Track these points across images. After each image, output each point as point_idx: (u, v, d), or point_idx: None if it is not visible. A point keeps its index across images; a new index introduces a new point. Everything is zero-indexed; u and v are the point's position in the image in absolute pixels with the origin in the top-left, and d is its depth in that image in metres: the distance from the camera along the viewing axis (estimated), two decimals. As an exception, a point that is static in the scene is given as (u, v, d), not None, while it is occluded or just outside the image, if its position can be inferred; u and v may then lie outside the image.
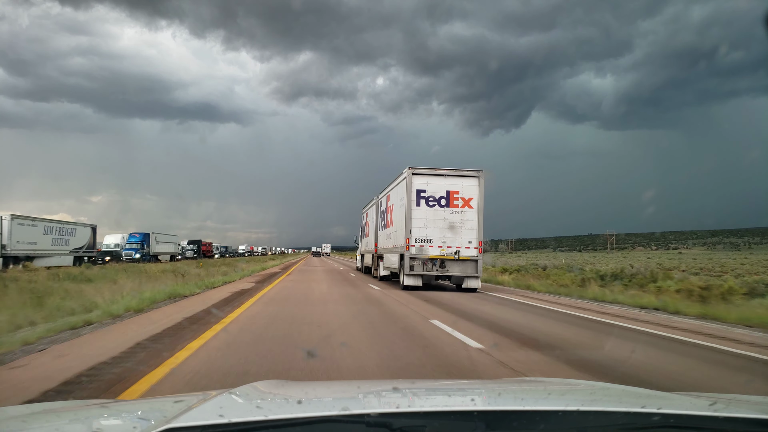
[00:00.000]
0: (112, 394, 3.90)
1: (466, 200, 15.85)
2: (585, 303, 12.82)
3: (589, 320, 9.44)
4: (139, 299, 9.57)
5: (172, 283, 14.68)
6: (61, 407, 1.89)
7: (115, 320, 7.74)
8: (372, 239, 24.18)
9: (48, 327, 6.58)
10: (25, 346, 5.55)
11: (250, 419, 1.29)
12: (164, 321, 7.74)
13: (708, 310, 10.08)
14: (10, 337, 5.84)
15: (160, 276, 17.75)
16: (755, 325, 8.66)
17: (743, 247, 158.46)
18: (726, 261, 58.98)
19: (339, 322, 8.42)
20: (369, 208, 26.93)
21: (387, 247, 19.85)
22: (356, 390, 1.99)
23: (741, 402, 1.87)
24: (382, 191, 21.96)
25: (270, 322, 7.97)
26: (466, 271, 15.77)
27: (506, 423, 1.36)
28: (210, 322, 7.69)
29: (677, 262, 51.97)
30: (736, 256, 71.30)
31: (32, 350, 5.43)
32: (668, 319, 9.76)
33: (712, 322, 9.20)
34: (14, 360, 5.02)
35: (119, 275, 17.20)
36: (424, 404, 1.73)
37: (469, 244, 15.73)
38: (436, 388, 2.22)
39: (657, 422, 1.37)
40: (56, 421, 1.58)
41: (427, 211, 15.87)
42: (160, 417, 1.41)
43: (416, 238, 15.79)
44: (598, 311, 10.89)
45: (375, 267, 23.53)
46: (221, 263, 37.68)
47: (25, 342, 5.70)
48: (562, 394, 1.95)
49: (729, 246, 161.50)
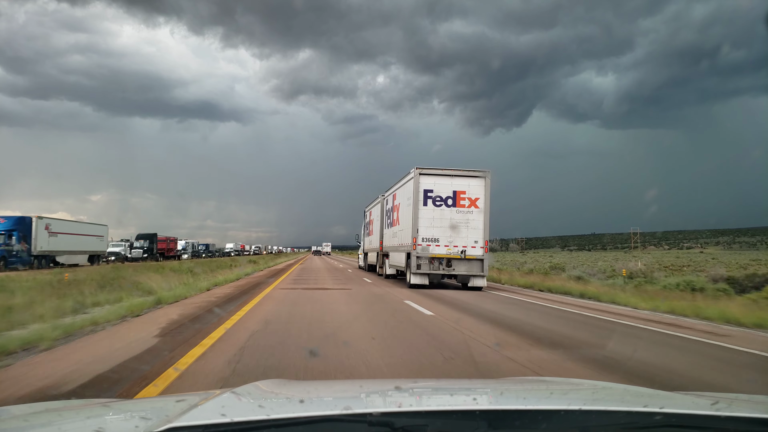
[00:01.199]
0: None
1: (472, 200, 16.26)
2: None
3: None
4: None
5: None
6: (62, 406, 1.92)
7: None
8: (377, 237, 24.51)
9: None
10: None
11: (253, 418, 1.31)
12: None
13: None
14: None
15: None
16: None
17: (761, 246, 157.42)
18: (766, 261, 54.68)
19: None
20: (373, 207, 27.28)
21: (393, 246, 20.20)
22: (358, 389, 2.03)
23: (743, 401, 1.89)
24: (387, 190, 22.31)
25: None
26: (472, 270, 16.17)
27: (508, 422, 1.39)
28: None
29: (729, 262, 45.67)
30: (762, 257, 69.59)
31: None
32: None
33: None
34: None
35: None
36: (427, 403, 1.76)
37: (475, 243, 16.14)
38: (439, 388, 2.26)
39: (659, 421, 1.39)
40: (58, 421, 1.59)
41: (434, 211, 16.27)
42: (162, 416, 1.43)
43: (423, 237, 16.19)
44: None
45: (380, 265, 23.87)
46: (160, 269, 22.09)
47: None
48: (565, 393, 1.99)
49: (745, 245, 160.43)
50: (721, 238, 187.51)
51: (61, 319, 7.48)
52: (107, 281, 14.57)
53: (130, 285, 13.09)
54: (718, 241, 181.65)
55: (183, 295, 12.07)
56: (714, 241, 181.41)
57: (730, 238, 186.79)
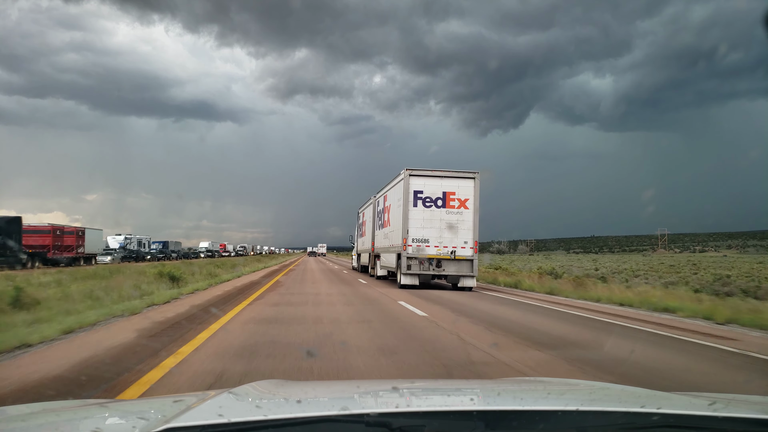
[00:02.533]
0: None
1: (462, 201, 16.60)
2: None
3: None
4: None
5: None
6: (60, 407, 1.95)
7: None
8: (369, 238, 24.91)
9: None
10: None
11: (250, 419, 1.33)
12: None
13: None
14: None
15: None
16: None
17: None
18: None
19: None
20: (366, 208, 27.67)
21: (384, 247, 20.55)
22: (356, 389, 2.04)
23: (740, 402, 1.92)
24: (379, 191, 22.66)
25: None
26: (462, 270, 16.47)
27: (505, 423, 1.40)
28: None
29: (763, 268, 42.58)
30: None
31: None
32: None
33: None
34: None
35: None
36: (424, 404, 1.78)
37: (465, 244, 16.47)
38: (436, 388, 2.30)
39: (656, 422, 1.40)
40: (55, 421, 1.62)
41: (424, 212, 16.61)
42: (159, 417, 1.45)
43: (413, 238, 16.52)
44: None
45: (372, 266, 24.19)
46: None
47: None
48: (562, 393, 2.01)
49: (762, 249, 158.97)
50: (731, 242, 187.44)
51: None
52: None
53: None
54: (729, 244, 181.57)
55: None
56: (725, 245, 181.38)
57: (740, 241, 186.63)
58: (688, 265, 50.72)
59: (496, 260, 51.85)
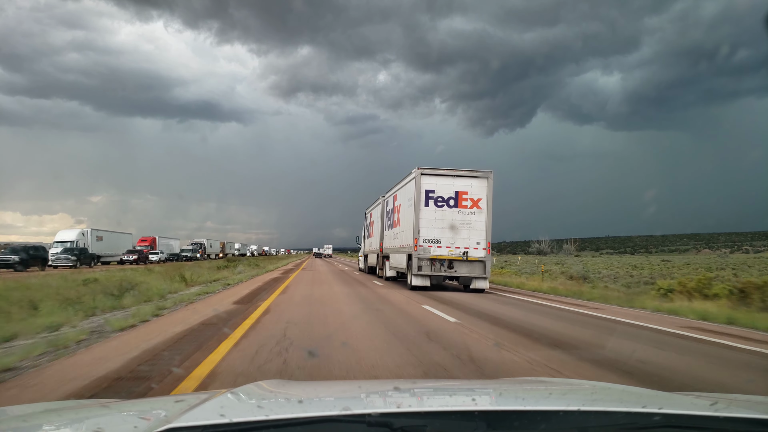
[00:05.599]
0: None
1: (474, 201, 16.81)
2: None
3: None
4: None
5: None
6: (61, 407, 2.00)
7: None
8: (377, 239, 25.25)
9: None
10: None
11: (252, 419, 1.37)
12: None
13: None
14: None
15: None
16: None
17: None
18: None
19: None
20: (374, 209, 28.02)
21: (393, 247, 20.77)
22: (357, 390, 2.11)
23: (742, 402, 1.96)
24: (388, 191, 22.91)
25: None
26: (474, 271, 16.66)
27: (507, 423, 1.44)
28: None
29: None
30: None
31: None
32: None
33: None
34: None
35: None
36: (426, 404, 1.84)
37: (477, 244, 16.67)
38: (438, 388, 2.36)
39: (658, 422, 1.45)
40: (57, 421, 1.66)
41: (436, 212, 16.82)
42: (161, 417, 1.50)
43: (424, 238, 16.73)
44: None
45: (380, 267, 24.52)
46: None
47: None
48: (564, 393, 2.06)
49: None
50: (755, 243, 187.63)
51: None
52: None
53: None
54: (752, 244, 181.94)
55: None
56: (749, 244, 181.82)
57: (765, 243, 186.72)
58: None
59: (543, 261, 47.72)
